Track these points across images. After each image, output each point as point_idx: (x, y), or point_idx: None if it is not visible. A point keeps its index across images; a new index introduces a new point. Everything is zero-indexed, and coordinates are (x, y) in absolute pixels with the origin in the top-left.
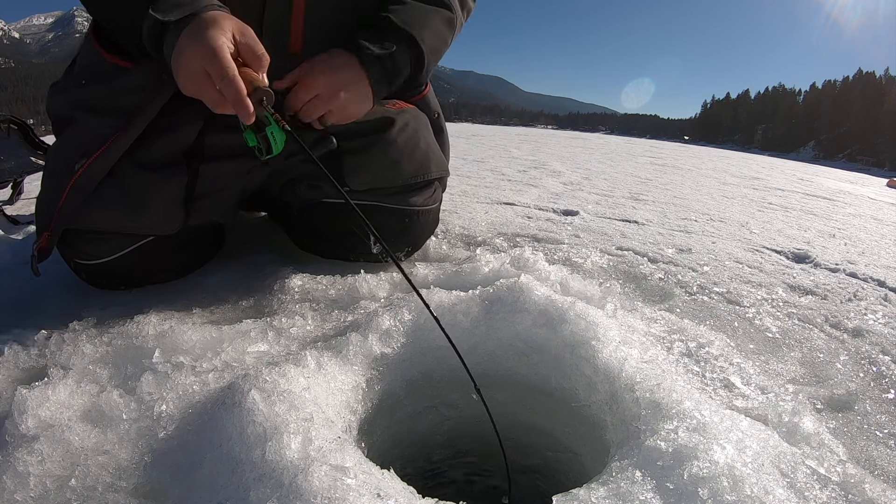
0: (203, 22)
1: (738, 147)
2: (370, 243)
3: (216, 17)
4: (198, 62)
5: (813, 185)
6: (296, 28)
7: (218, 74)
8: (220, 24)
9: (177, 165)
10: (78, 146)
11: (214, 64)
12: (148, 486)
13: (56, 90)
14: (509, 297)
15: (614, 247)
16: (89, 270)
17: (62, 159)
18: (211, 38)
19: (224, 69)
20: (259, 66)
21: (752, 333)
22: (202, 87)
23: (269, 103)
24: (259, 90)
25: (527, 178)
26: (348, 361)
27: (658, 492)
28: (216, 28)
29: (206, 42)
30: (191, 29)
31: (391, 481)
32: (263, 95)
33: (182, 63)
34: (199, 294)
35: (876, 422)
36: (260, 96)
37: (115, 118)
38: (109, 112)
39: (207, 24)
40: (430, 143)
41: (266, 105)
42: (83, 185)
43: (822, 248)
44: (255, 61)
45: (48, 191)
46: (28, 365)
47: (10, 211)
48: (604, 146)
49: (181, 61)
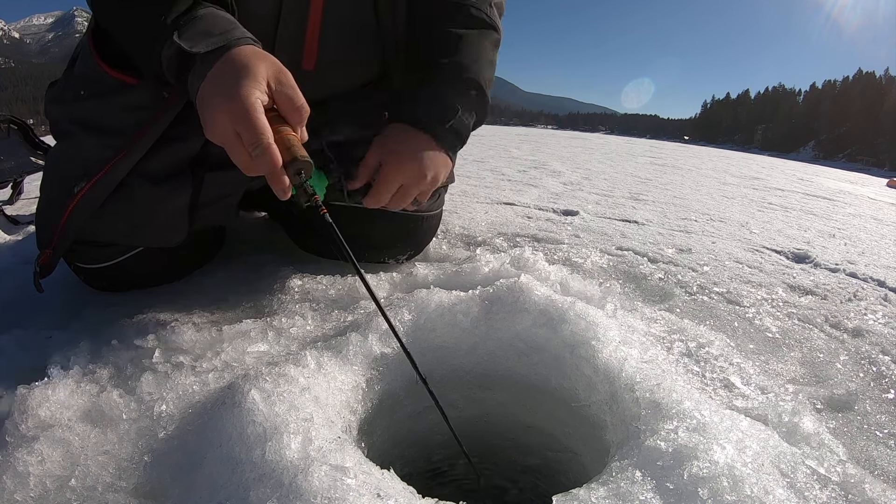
0: (234, 64)
1: (737, 147)
2: (377, 249)
3: (249, 59)
4: (229, 122)
5: (813, 185)
6: (310, 46)
7: (251, 142)
8: (254, 70)
9: (182, 177)
10: (77, 167)
11: (247, 129)
12: (148, 486)
13: (55, 95)
14: (509, 297)
15: (614, 247)
16: (89, 273)
17: (61, 178)
18: (243, 95)
19: (258, 137)
20: (298, 119)
21: (752, 333)
22: (233, 148)
23: (307, 176)
24: (297, 161)
25: (527, 178)
26: (348, 361)
27: (658, 492)
28: (249, 79)
29: (238, 98)
30: (220, 71)
31: (391, 481)
32: (302, 167)
33: (212, 118)
34: (199, 294)
35: (876, 422)
36: (298, 168)
37: (116, 138)
38: (111, 132)
39: (240, 71)
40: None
41: (304, 179)
42: (83, 208)
43: (822, 248)
44: (294, 114)
45: (48, 208)
46: (28, 365)
47: (10, 211)
48: (604, 146)
49: (211, 115)
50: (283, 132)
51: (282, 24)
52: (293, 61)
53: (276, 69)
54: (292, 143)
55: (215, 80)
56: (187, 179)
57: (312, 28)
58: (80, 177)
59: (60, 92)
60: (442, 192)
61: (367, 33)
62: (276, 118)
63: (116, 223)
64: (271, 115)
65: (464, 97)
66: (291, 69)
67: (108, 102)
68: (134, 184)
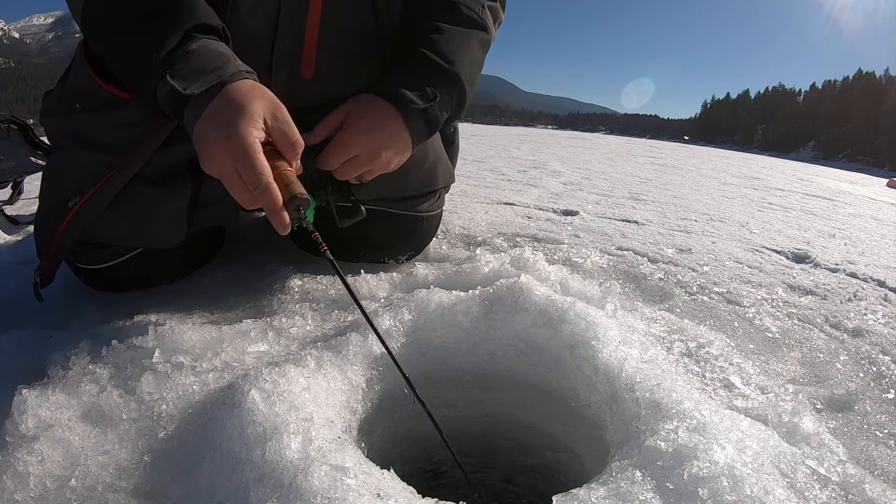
0: (230, 102)
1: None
2: (377, 249)
3: (245, 96)
4: (229, 161)
5: (813, 185)
6: (308, 55)
7: (251, 182)
8: (251, 109)
9: (181, 178)
10: (70, 182)
11: (247, 168)
12: (148, 486)
13: (50, 106)
14: (509, 297)
15: (614, 247)
16: (89, 273)
17: (57, 190)
18: (242, 135)
19: (258, 178)
20: (293, 154)
21: (752, 333)
22: (231, 185)
23: (304, 211)
24: (295, 199)
25: (527, 178)
26: (348, 361)
27: (658, 492)
28: (246, 119)
29: (237, 138)
30: (217, 109)
31: (391, 481)
32: (300, 205)
33: (210, 154)
34: (199, 294)
35: (876, 422)
36: (297, 205)
37: (109, 154)
38: (104, 148)
39: (236, 111)
40: (438, 153)
41: (303, 215)
42: (79, 222)
43: (822, 248)
44: (289, 150)
45: (45, 217)
46: (28, 365)
47: (10, 211)
48: (604, 146)
49: (209, 152)
50: (281, 168)
51: (278, 40)
52: (292, 71)
53: (272, 105)
54: (290, 179)
55: (212, 117)
56: (186, 181)
57: (310, 37)
58: (74, 192)
59: (56, 103)
60: (442, 192)
61: (366, 34)
62: (272, 153)
63: (116, 224)
64: (267, 149)
65: (443, 89)
66: (291, 79)
67: (102, 118)
68: (133, 186)
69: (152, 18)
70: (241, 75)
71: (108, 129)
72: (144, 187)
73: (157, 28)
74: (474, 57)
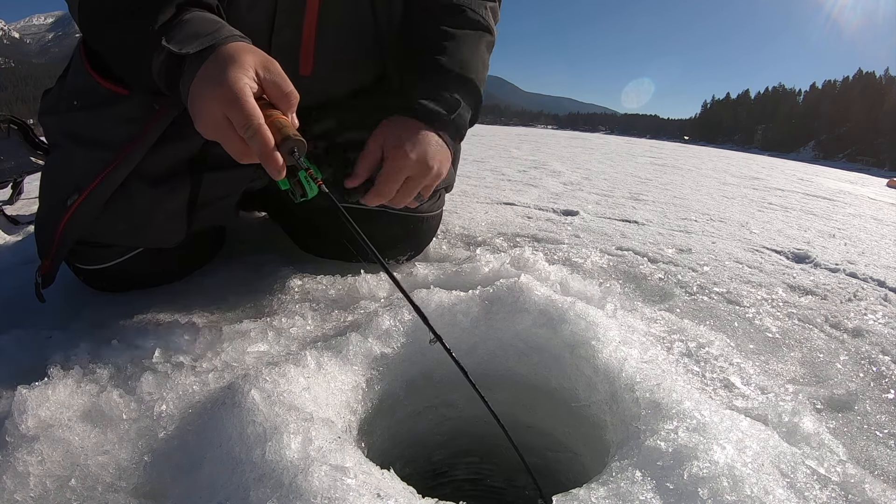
0: (222, 57)
1: (737, 147)
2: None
3: (237, 51)
4: (218, 108)
5: (813, 185)
6: (306, 52)
7: (241, 124)
8: (241, 60)
9: (180, 178)
10: (69, 180)
11: (237, 111)
12: (148, 486)
13: (48, 105)
14: (509, 297)
15: (614, 247)
16: (89, 274)
17: (56, 189)
18: (232, 81)
19: (248, 118)
20: (287, 105)
21: (752, 333)
22: (225, 136)
23: (300, 154)
24: (289, 140)
25: (527, 178)
26: (348, 361)
27: (658, 492)
28: (236, 67)
29: (227, 85)
30: (209, 66)
31: (391, 481)
32: (294, 146)
33: (201, 108)
34: (199, 294)
35: (876, 422)
36: (290, 146)
37: (106, 151)
38: (101, 145)
39: (227, 62)
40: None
41: (298, 157)
42: (78, 220)
43: (822, 248)
44: (283, 100)
45: (45, 216)
46: (28, 365)
47: (10, 211)
48: (604, 146)
49: (200, 105)
50: (274, 115)
51: (276, 34)
52: (290, 68)
53: (263, 58)
54: (283, 124)
55: (204, 74)
56: (186, 180)
57: (308, 34)
58: (73, 190)
59: (54, 102)
60: (442, 192)
61: (365, 33)
62: (265, 105)
63: (115, 224)
64: (261, 102)
65: (463, 93)
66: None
67: (100, 114)
68: (132, 185)
69: (144, 2)
70: (234, 38)
71: (106, 126)
72: (143, 186)
73: (150, 9)
74: (483, 59)
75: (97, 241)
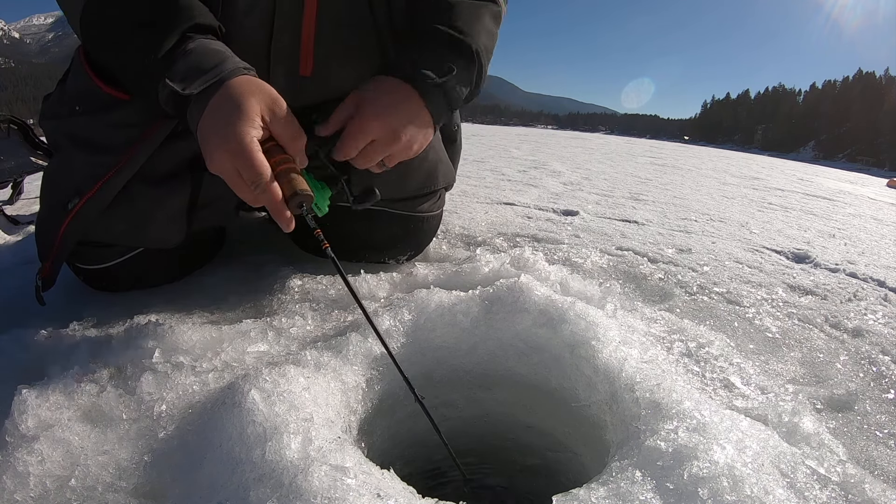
0: (228, 102)
1: (737, 147)
2: (378, 249)
3: (241, 94)
4: (228, 161)
5: (813, 185)
6: (305, 53)
7: (251, 180)
8: (248, 108)
9: (181, 178)
10: (70, 184)
11: (246, 168)
12: (148, 486)
13: (49, 109)
14: (509, 297)
15: (614, 247)
16: (89, 274)
17: (57, 192)
18: (240, 136)
19: (258, 177)
20: (295, 149)
21: (752, 333)
22: (235, 185)
23: (307, 209)
24: (297, 196)
25: (527, 178)
26: (348, 361)
27: (658, 492)
28: (244, 119)
29: (234, 140)
30: (216, 107)
31: (391, 481)
32: (303, 201)
33: (211, 155)
34: (199, 294)
35: (876, 422)
36: (299, 202)
37: (106, 155)
38: (102, 149)
39: (233, 109)
40: (439, 153)
41: (305, 212)
42: (79, 223)
43: (822, 248)
44: (290, 144)
45: (46, 219)
46: (28, 365)
47: (10, 211)
48: (604, 146)
49: (210, 152)
50: (283, 164)
51: (275, 38)
52: (290, 70)
53: (270, 100)
54: (292, 178)
55: (212, 116)
56: (186, 181)
57: (307, 35)
58: (73, 194)
59: (55, 106)
60: (443, 192)
61: (364, 30)
62: (274, 148)
63: (115, 224)
64: (269, 145)
65: (460, 62)
66: (290, 77)
67: (101, 119)
68: (132, 186)
69: (148, 24)
70: (238, 72)
71: (107, 131)
72: (144, 187)
73: (154, 33)
74: (488, 28)
75: (97, 241)
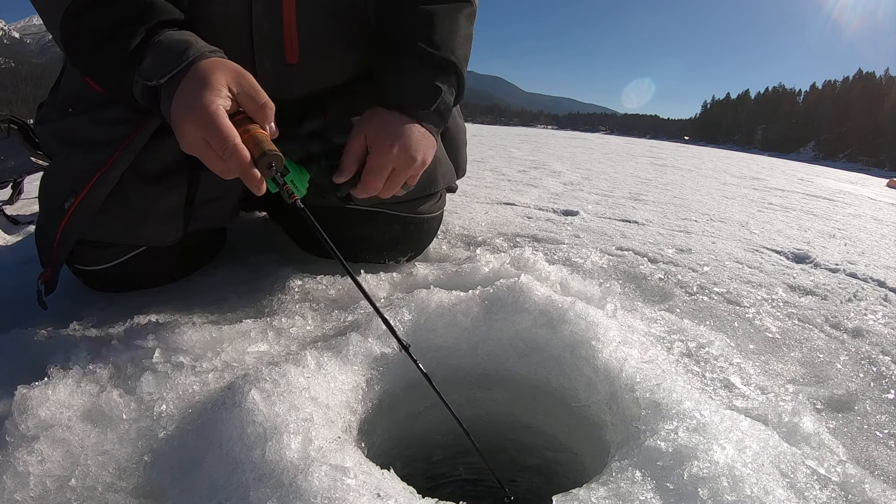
0: (194, 80)
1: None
2: (377, 250)
3: (208, 70)
4: (196, 132)
5: (813, 185)
6: (290, 40)
7: (218, 146)
8: (213, 79)
9: (177, 175)
10: (65, 185)
11: (212, 134)
12: (148, 486)
13: (43, 115)
14: (509, 297)
15: (614, 247)
16: (88, 275)
17: (54, 194)
18: (205, 104)
19: (223, 139)
20: (264, 116)
21: (752, 333)
22: (206, 156)
23: (277, 168)
24: (266, 156)
25: (527, 178)
26: (348, 361)
27: (658, 492)
28: (209, 89)
29: (200, 109)
30: (183, 90)
31: (391, 481)
32: (272, 160)
33: (182, 132)
34: (199, 294)
35: (876, 422)
36: (268, 161)
37: (99, 153)
38: (94, 147)
39: (199, 84)
40: (438, 155)
41: (275, 171)
42: (76, 223)
43: (822, 249)
44: (259, 112)
45: (45, 222)
46: (28, 365)
47: (10, 211)
48: (604, 146)
49: (181, 130)
50: (252, 131)
51: (255, 25)
52: (277, 58)
53: (235, 73)
54: (260, 139)
55: (180, 96)
56: (182, 178)
57: (289, 21)
58: (69, 193)
59: (48, 111)
60: (443, 193)
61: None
62: (243, 120)
63: (111, 222)
64: (238, 117)
65: (443, 78)
66: (277, 66)
67: (93, 117)
68: (129, 183)
69: (117, 29)
70: (204, 55)
71: (98, 128)
72: (140, 184)
73: (122, 36)
74: (465, 33)
75: (96, 242)
